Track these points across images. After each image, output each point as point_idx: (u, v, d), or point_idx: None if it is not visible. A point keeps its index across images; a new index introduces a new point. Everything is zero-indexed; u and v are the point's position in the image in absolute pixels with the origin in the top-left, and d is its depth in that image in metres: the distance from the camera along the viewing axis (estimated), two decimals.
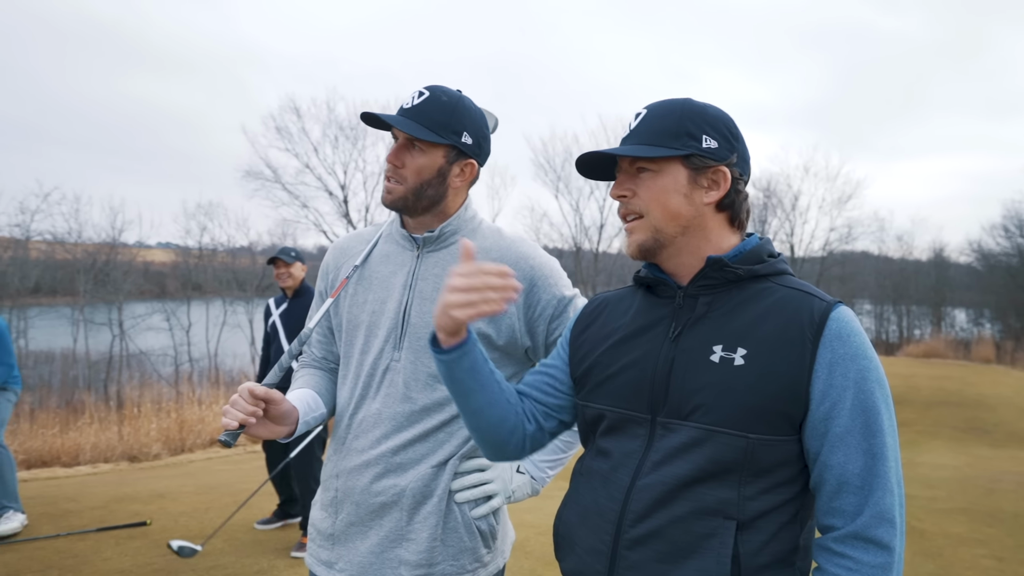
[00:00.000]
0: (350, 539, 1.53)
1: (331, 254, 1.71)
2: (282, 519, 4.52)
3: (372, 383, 1.54)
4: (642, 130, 1.20)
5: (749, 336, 1.11)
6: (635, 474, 1.15)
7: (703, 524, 1.09)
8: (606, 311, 1.31)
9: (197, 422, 8.69)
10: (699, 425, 1.10)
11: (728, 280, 1.16)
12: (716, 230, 1.20)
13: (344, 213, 25.09)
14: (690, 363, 1.14)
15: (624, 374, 1.20)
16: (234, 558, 4.03)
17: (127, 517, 4.68)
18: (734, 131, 1.20)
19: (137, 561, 3.92)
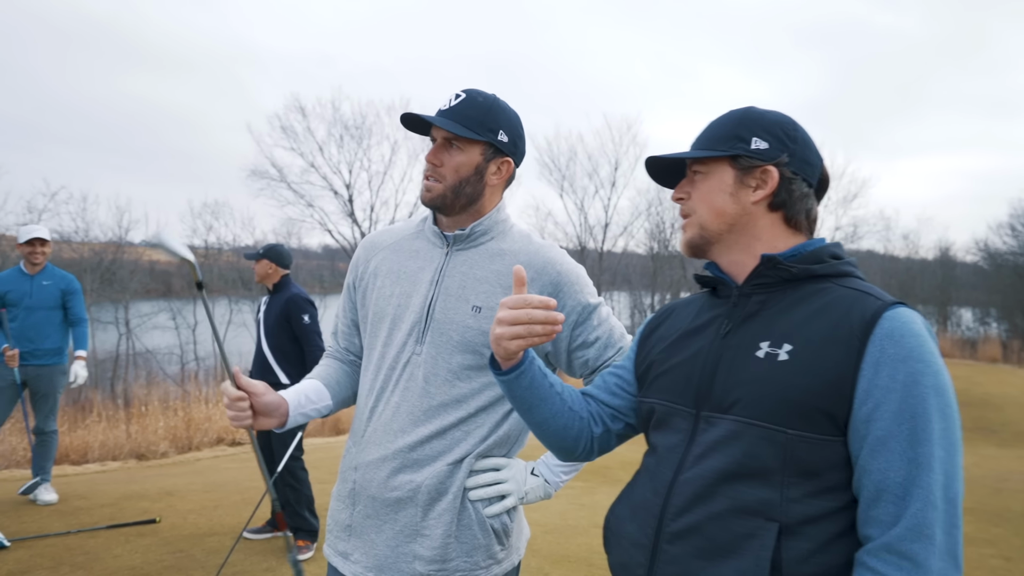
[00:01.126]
0: (366, 531, 1.55)
1: (361, 248, 1.75)
2: (273, 529, 4.46)
3: (393, 375, 1.56)
4: (702, 136, 1.28)
5: (797, 333, 1.11)
6: (678, 468, 1.17)
7: (742, 523, 1.08)
8: (674, 314, 1.36)
9: (204, 420, 8.73)
10: (737, 418, 1.11)
11: (783, 279, 1.17)
12: (768, 229, 1.22)
13: (349, 212, 25.17)
14: (736, 358, 1.16)
15: (676, 369, 1.24)
16: (242, 556, 4.05)
17: (136, 515, 4.71)
18: (791, 133, 1.22)
19: (147, 558, 3.95)
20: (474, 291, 1.54)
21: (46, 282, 4.91)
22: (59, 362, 4.98)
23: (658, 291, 30.51)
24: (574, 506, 5.65)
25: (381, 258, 1.68)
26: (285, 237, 25.20)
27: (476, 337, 1.52)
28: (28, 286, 4.86)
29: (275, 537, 4.38)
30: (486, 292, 1.54)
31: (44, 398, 4.94)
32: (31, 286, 4.86)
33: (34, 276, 4.89)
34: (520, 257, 1.57)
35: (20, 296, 4.83)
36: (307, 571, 3.84)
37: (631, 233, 29.65)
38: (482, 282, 1.55)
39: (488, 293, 1.54)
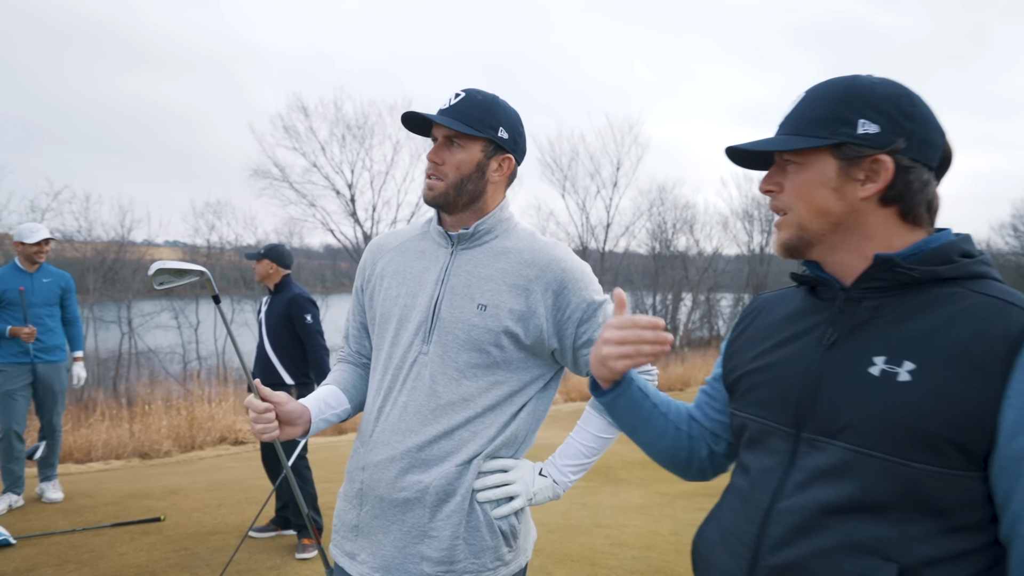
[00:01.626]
0: (374, 532, 1.55)
1: (368, 252, 1.77)
2: (278, 528, 4.47)
3: (400, 375, 1.57)
4: (793, 117, 1.08)
5: (921, 348, 0.95)
6: (775, 495, 1.04)
7: (855, 562, 0.95)
8: (762, 314, 1.21)
9: (207, 419, 8.74)
10: (848, 446, 0.97)
11: (901, 283, 1.00)
12: (882, 227, 1.03)
13: (351, 212, 25.19)
14: (843, 374, 1.01)
15: (770, 382, 1.10)
16: (247, 554, 4.07)
17: (141, 513, 4.73)
18: (907, 110, 1.01)
19: (152, 556, 3.97)
20: (479, 289, 1.55)
21: (46, 279, 4.90)
22: (63, 359, 5.00)
23: (659, 291, 30.51)
24: (576, 506, 5.66)
25: (387, 260, 1.69)
26: (287, 237, 25.26)
27: (482, 335, 1.52)
28: (28, 283, 4.83)
29: (279, 536, 4.40)
30: (491, 290, 1.55)
31: (52, 395, 4.94)
32: (31, 283, 4.84)
33: (33, 274, 4.87)
34: (525, 255, 1.58)
35: (18, 293, 4.79)
36: (308, 569, 3.86)
37: (633, 233, 29.69)
38: (487, 280, 1.56)
39: (493, 291, 1.54)
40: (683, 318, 32.10)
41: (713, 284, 31.96)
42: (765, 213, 31.86)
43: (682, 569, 4.13)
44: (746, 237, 32.48)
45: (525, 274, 1.55)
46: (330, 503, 4.98)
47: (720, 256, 32.41)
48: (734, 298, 33.89)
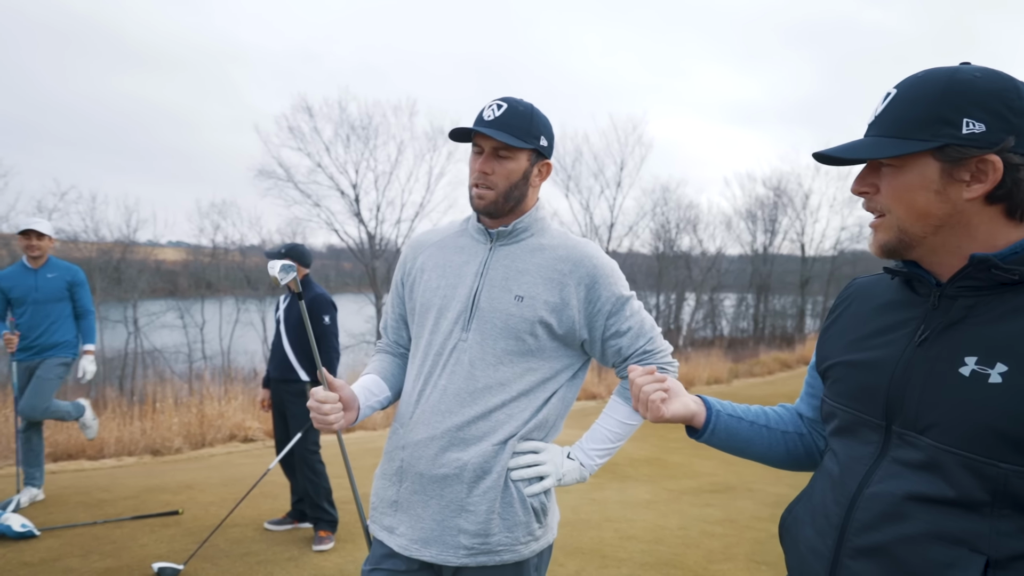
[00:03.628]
0: (413, 507, 1.65)
1: (408, 248, 1.88)
2: (294, 521, 4.55)
3: (440, 360, 1.67)
4: (887, 118, 1.03)
5: (1014, 350, 0.94)
6: (863, 481, 1.07)
7: (941, 551, 0.96)
8: (855, 302, 1.21)
9: (217, 417, 8.84)
10: (935, 443, 0.98)
11: (998, 283, 0.99)
12: (986, 225, 1.01)
13: (355, 212, 25.28)
14: (933, 372, 1.01)
15: (861, 374, 1.11)
16: (264, 545, 4.16)
17: (159, 506, 4.83)
18: (1015, 105, 0.97)
19: (173, 548, 4.06)
20: (517, 282, 1.65)
21: (51, 275, 4.79)
22: (64, 355, 4.89)
23: (663, 291, 30.57)
24: (586, 501, 5.75)
25: (428, 255, 1.79)
26: (291, 236, 25.34)
27: (519, 324, 1.63)
28: (33, 280, 4.76)
29: (296, 528, 4.49)
30: (528, 283, 1.65)
31: (40, 380, 4.73)
32: (36, 280, 4.76)
33: (38, 270, 4.77)
34: (559, 251, 1.69)
35: (26, 291, 4.74)
36: (327, 560, 3.95)
37: (636, 233, 29.77)
38: (524, 273, 1.66)
39: (530, 283, 1.65)
40: (686, 318, 32.16)
41: (716, 284, 32.02)
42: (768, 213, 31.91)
43: (691, 562, 4.21)
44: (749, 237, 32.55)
45: (559, 268, 1.66)
46: (342, 498, 5.08)
47: (723, 256, 32.48)
48: (737, 298, 33.94)
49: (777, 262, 32.58)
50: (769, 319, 33.89)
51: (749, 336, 31.90)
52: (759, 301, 33.10)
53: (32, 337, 4.75)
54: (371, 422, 10.43)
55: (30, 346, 4.75)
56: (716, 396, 8.25)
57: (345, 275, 29.81)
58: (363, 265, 25.69)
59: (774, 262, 32.42)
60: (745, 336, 31.96)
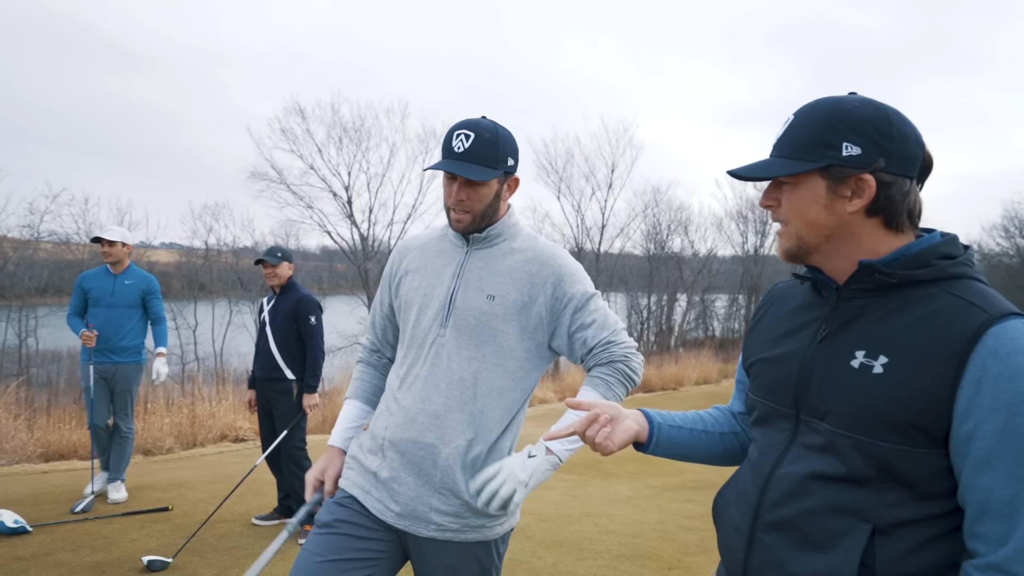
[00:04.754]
0: (391, 483, 1.79)
1: (396, 251, 2.05)
2: (281, 517, 4.66)
3: (421, 353, 1.83)
4: (784, 141, 1.18)
5: (894, 344, 1.08)
6: (775, 464, 1.21)
7: (835, 521, 1.10)
8: (774, 305, 1.36)
9: (208, 417, 8.94)
10: (831, 428, 1.12)
11: (883, 285, 1.12)
12: (868, 235, 1.15)
13: (348, 214, 25.36)
14: (831, 366, 1.15)
15: (775, 369, 1.25)
16: (251, 540, 4.28)
17: (149, 503, 4.94)
18: (885, 131, 1.11)
19: (162, 542, 4.18)
20: (489, 283, 1.82)
21: (128, 281, 5.08)
22: (137, 360, 5.15)
23: (654, 292, 30.76)
24: (568, 497, 5.88)
25: (412, 257, 1.96)
26: (284, 238, 25.41)
27: (491, 321, 1.78)
28: (111, 285, 5.05)
29: (283, 524, 4.61)
30: (499, 283, 1.81)
31: (120, 395, 5.08)
32: (114, 285, 5.05)
33: (117, 275, 5.07)
34: (528, 253, 1.85)
35: (102, 294, 5.02)
36: None
37: (628, 235, 29.90)
38: (496, 275, 1.82)
39: (501, 284, 1.81)
40: (678, 319, 32.35)
41: (708, 285, 32.21)
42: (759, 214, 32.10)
43: (665, 554, 4.35)
44: (740, 238, 32.74)
45: (528, 269, 1.82)
46: None
47: (715, 257, 32.68)
48: (728, 299, 34.14)
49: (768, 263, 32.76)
50: None
51: (740, 337, 32.09)
52: (750, 302, 33.30)
53: (105, 338, 4.99)
54: None
55: (101, 348, 4.99)
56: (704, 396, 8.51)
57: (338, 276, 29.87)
58: (356, 267, 25.76)
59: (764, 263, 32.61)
60: (736, 337, 32.15)
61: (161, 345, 5.23)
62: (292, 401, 4.49)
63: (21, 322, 21.24)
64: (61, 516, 4.59)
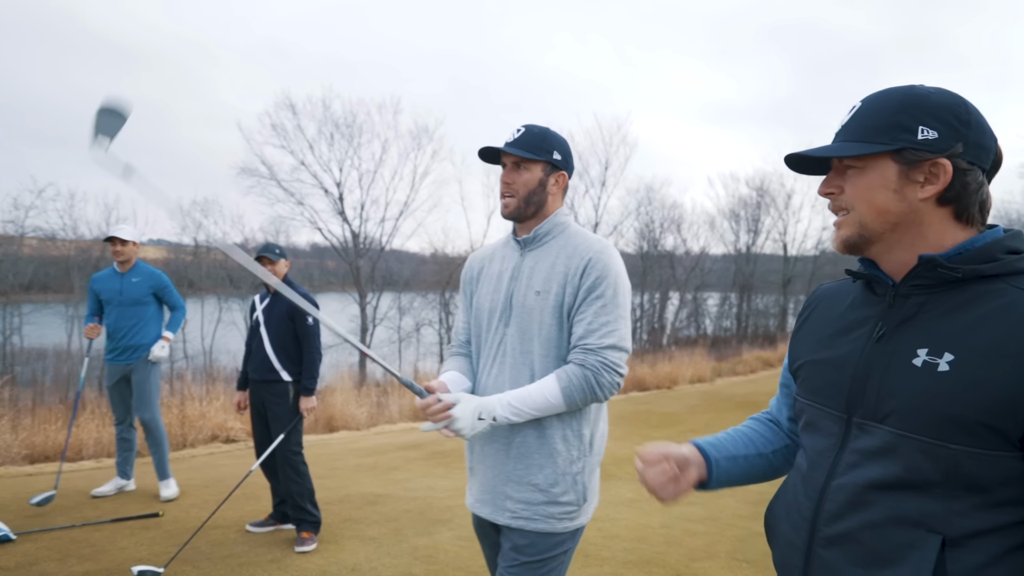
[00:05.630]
0: (477, 472, 2.05)
1: (468, 263, 2.24)
2: (276, 523, 4.52)
3: (492, 353, 2.02)
4: (852, 125, 1.15)
5: (960, 341, 1.03)
6: (829, 473, 1.15)
7: (902, 534, 1.04)
8: (821, 305, 1.31)
9: (199, 418, 8.75)
10: (893, 430, 1.06)
11: (946, 280, 1.08)
12: (936, 226, 1.11)
13: (339, 211, 25.14)
14: (890, 365, 1.10)
15: (826, 371, 1.20)
16: (246, 547, 4.13)
17: (139, 509, 4.78)
18: (963, 117, 1.09)
19: (153, 551, 4.02)
20: (537, 279, 1.96)
21: (135, 279, 5.08)
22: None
23: (647, 290, 30.73)
24: None
25: (480, 268, 2.18)
26: (274, 235, 25.14)
27: (540, 315, 1.93)
28: (119, 284, 5.07)
29: (278, 530, 4.46)
30: (545, 279, 1.95)
31: (139, 393, 5.10)
32: (121, 284, 5.06)
33: (124, 274, 5.07)
34: (569, 248, 1.96)
35: (112, 294, 5.05)
36: (309, 562, 3.93)
37: (621, 232, 29.81)
38: (541, 271, 1.97)
39: (545, 279, 1.94)
40: (670, 317, 32.35)
41: (700, 283, 32.23)
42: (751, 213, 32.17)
43: (672, 560, 4.25)
44: (732, 237, 32.78)
45: (570, 263, 1.94)
46: (325, 498, 5.06)
47: (707, 255, 32.69)
48: (721, 297, 34.19)
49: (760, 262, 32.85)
50: (752, 318, 34.17)
51: (732, 335, 32.14)
52: (742, 300, 33.36)
53: (118, 338, 5.05)
54: (355, 422, 10.39)
55: (117, 347, 5.05)
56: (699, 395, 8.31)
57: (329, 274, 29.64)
58: (347, 264, 25.55)
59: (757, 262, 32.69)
60: (728, 335, 32.20)
61: (169, 329, 5.23)
62: (288, 404, 4.34)
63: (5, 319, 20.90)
64: (47, 523, 4.42)
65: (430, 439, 8.91)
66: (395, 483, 6.04)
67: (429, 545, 4.27)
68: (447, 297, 27.55)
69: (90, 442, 7.83)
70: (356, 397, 11.40)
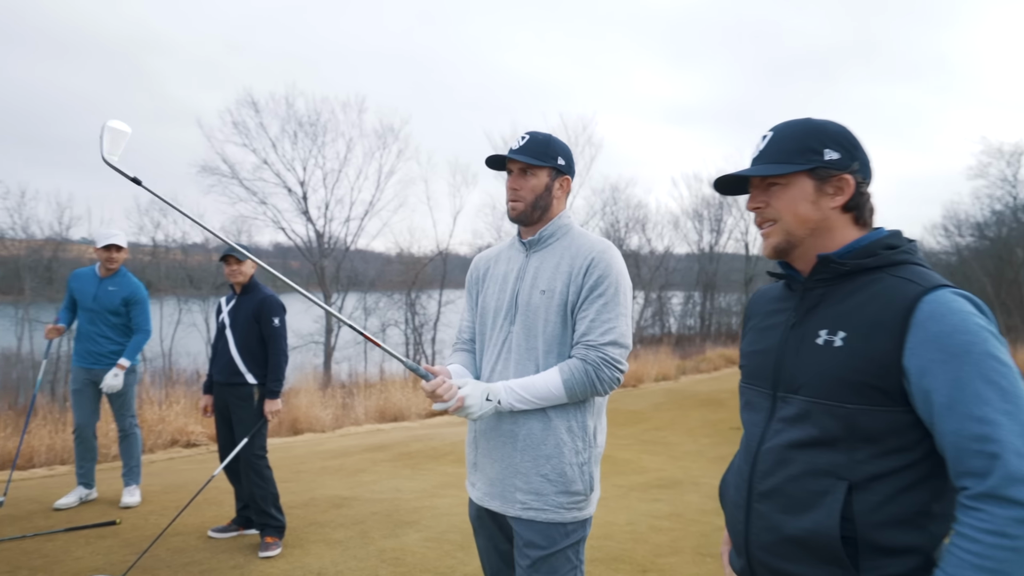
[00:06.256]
0: (483, 467, 2.09)
1: (474, 263, 2.32)
2: (240, 528, 4.44)
3: (498, 351, 2.09)
4: (770, 150, 1.38)
5: (849, 321, 1.27)
6: (760, 440, 1.38)
7: (817, 483, 1.26)
8: (756, 306, 1.56)
9: (157, 422, 8.52)
10: (805, 398, 1.30)
11: (839, 273, 1.31)
12: (841, 229, 1.35)
13: (303, 210, 24.80)
14: (800, 346, 1.34)
15: (756, 358, 1.45)
16: (208, 554, 4.04)
17: (95, 517, 4.63)
18: (853, 141, 1.35)
19: (110, 559, 3.91)
20: (542, 280, 2.05)
21: (111, 287, 4.90)
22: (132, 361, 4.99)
23: None
24: None
25: (487, 268, 2.25)
26: (236, 235, 24.64)
27: (545, 314, 2.01)
28: (94, 289, 4.90)
29: (241, 536, 4.38)
30: (549, 279, 2.03)
31: (114, 399, 4.96)
32: (96, 289, 4.90)
33: (103, 279, 4.90)
34: (573, 249, 2.05)
35: (84, 297, 4.89)
36: (274, 567, 3.86)
37: None
38: (547, 272, 2.05)
39: (550, 280, 2.03)
40: (636, 316, 32.70)
41: (665, 282, 32.63)
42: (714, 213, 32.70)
43: (639, 556, 4.29)
44: (696, 236, 33.28)
45: (571, 262, 2.02)
46: (289, 502, 4.98)
47: (671, 255, 33.12)
48: (685, 296, 34.68)
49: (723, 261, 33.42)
50: (715, 316, 34.75)
51: (696, 333, 32.64)
52: (705, 299, 33.91)
53: (85, 343, 4.90)
54: (320, 424, 10.25)
55: (84, 350, 4.91)
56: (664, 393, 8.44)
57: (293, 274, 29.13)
58: (311, 264, 25.19)
59: (720, 261, 33.25)
60: (692, 333, 32.69)
61: (126, 356, 4.90)
62: (253, 407, 4.25)
63: None
64: None
65: (396, 440, 8.84)
66: (361, 485, 5.98)
67: (396, 547, 4.24)
68: (413, 297, 27.37)
69: (42, 449, 7.57)
70: (321, 399, 11.24)
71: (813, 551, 1.26)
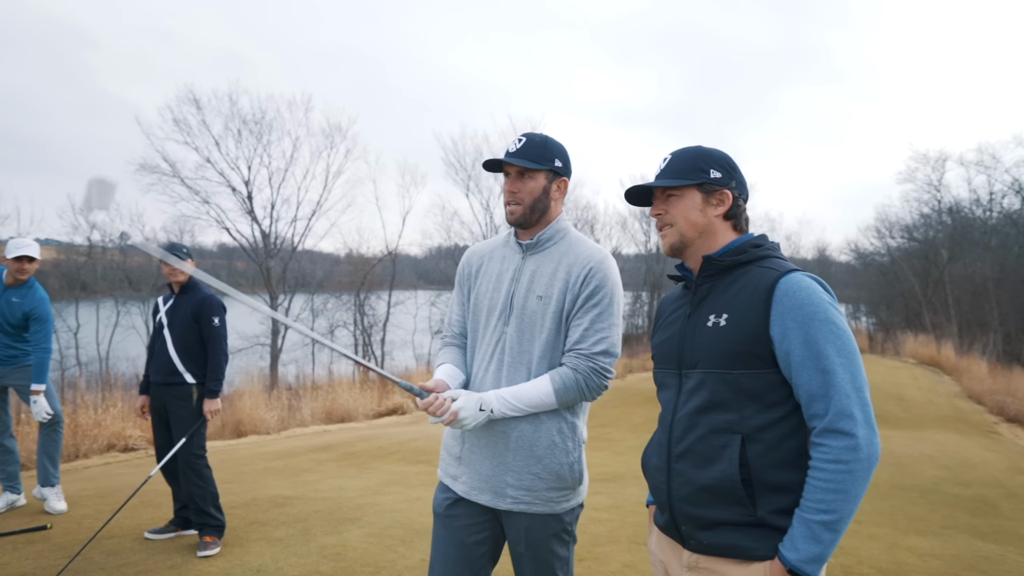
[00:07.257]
0: (472, 462, 2.11)
1: (466, 258, 2.31)
2: (178, 529, 4.39)
3: (490, 349, 2.12)
4: (669, 169, 1.74)
5: (730, 305, 1.61)
6: (673, 411, 1.69)
7: (719, 439, 1.58)
8: (663, 307, 1.88)
9: (93, 427, 8.26)
10: (701, 370, 1.63)
11: (720, 269, 1.67)
12: (722, 233, 1.72)
13: (248, 210, 24.25)
14: (696, 331, 1.67)
15: (663, 346, 1.77)
16: (145, 555, 4.00)
17: (24, 523, 4.51)
18: (733, 165, 1.74)
19: (40, 564, 3.82)
20: (539, 284, 2.09)
21: (15, 299, 4.68)
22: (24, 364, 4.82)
23: None
24: None
25: (480, 264, 2.26)
26: (178, 235, 23.91)
27: (541, 319, 2.05)
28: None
29: (179, 536, 4.34)
30: (546, 284, 2.07)
31: (22, 393, 4.82)
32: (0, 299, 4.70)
33: (8, 289, 4.69)
34: (571, 256, 2.09)
35: None
36: (212, 566, 3.85)
37: None
38: (544, 276, 2.09)
39: (547, 284, 2.07)
40: None
41: None
42: None
43: (599, 551, 4.42)
44: (644, 237, 33.92)
45: (570, 270, 2.06)
46: (230, 503, 4.95)
47: (619, 255, 33.66)
48: (633, 295, 35.29)
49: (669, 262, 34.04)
50: None
51: (643, 332, 33.28)
52: (652, 299, 34.61)
53: None
54: (265, 427, 10.11)
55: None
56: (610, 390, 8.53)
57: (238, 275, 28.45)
58: (257, 264, 24.67)
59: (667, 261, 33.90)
60: (640, 332, 33.32)
61: (37, 381, 4.67)
62: (191, 406, 4.22)
63: None
64: None
65: (343, 441, 8.81)
66: (305, 485, 5.97)
67: (337, 543, 4.27)
68: (362, 298, 27.09)
69: None
70: (266, 401, 11.06)
71: (722, 495, 1.55)
